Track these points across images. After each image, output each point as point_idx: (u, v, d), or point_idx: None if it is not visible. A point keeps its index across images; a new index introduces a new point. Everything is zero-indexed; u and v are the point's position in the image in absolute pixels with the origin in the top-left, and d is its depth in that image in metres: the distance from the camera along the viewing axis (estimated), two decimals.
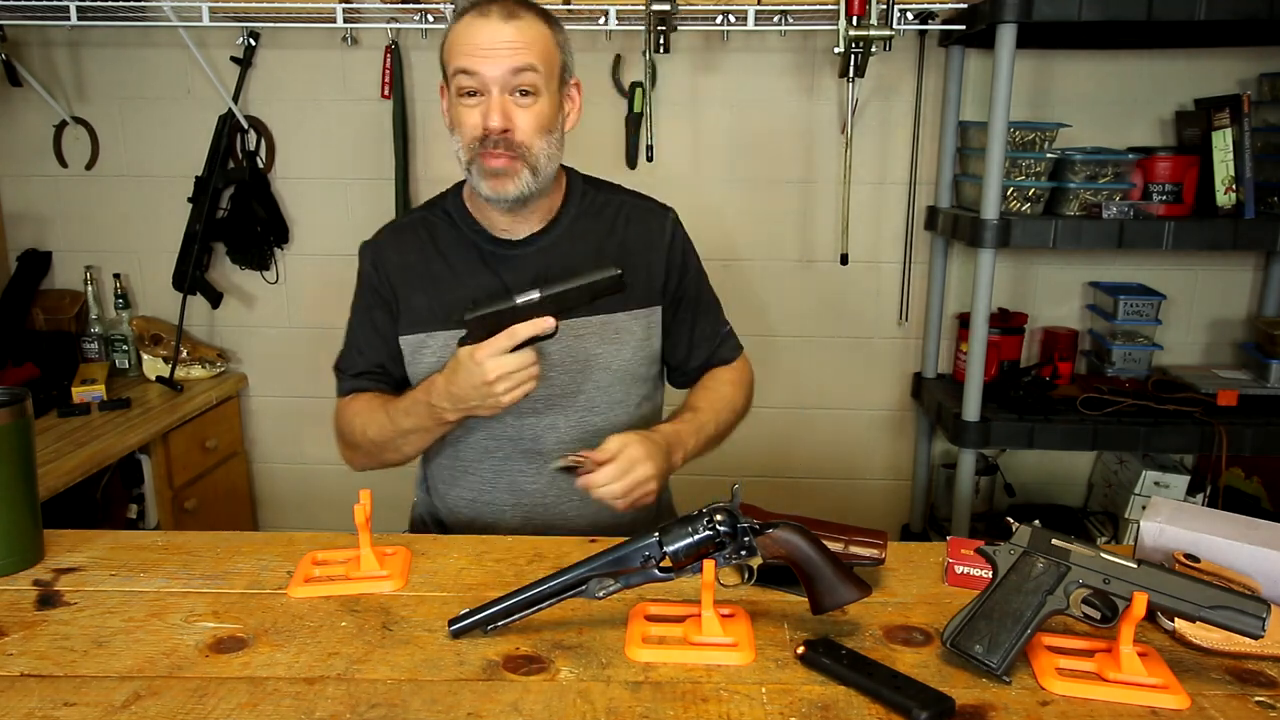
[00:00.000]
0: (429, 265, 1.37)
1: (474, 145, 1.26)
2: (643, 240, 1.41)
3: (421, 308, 1.36)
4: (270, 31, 2.38)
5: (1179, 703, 0.89)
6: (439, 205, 1.43)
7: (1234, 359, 2.45)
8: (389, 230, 1.43)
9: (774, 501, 2.77)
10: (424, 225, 1.40)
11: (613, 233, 1.41)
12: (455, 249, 1.38)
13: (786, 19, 2.23)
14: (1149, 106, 2.35)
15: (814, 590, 1.00)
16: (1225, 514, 1.12)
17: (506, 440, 1.37)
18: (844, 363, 2.54)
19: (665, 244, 1.43)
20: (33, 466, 1.15)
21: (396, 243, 1.40)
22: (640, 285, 1.40)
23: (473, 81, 1.23)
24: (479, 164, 1.26)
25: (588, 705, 0.88)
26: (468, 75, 1.23)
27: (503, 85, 1.23)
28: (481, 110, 1.24)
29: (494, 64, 1.22)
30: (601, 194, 1.44)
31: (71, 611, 1.05)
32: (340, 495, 1.42)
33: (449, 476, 1.43)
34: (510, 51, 1.22)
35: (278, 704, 0.88)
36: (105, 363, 2.46)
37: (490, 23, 1.23)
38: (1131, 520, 2.32)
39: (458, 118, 1.28)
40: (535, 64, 1.24)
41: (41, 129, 2.47)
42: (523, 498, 1.39)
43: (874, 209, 2.44)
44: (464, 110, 1.26)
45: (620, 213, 1.42)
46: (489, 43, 1.22)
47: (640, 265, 1.40)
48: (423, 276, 1.37)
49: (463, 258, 1.37)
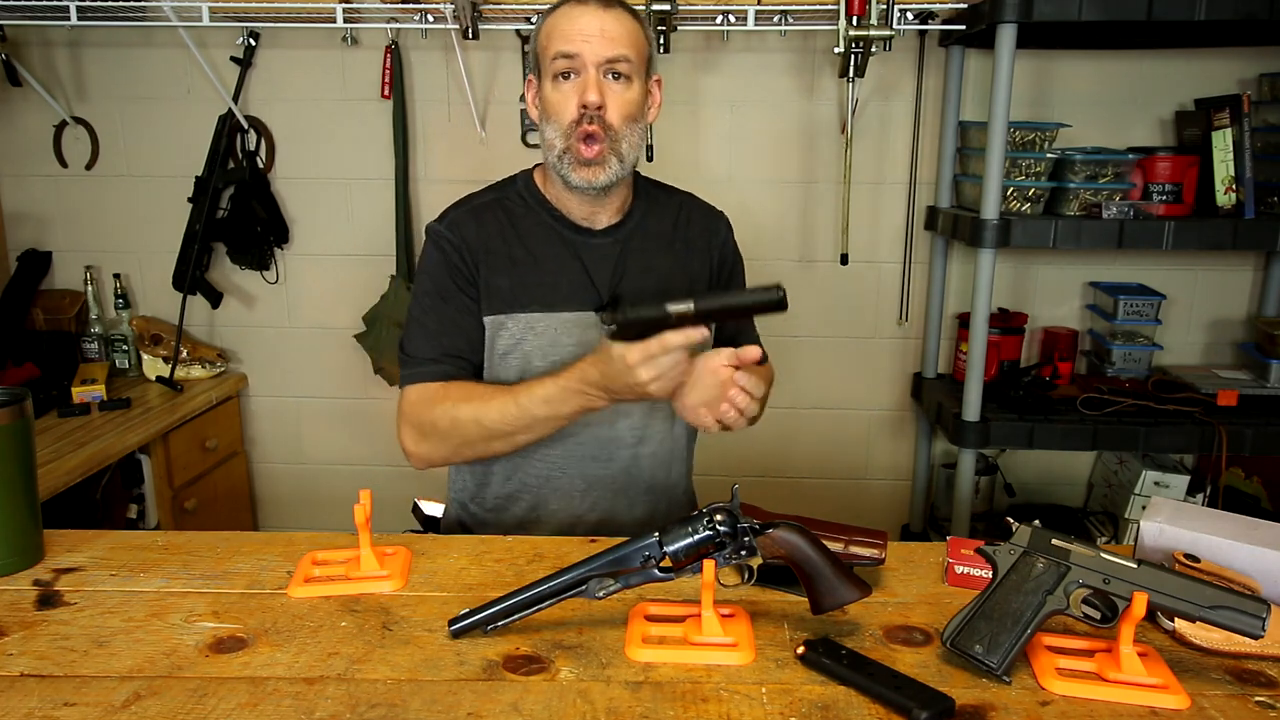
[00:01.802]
0: (509, 248, 1.38)
1: (570, 129, 1.29)
2: (703, 239, 1.48)
3: (503, 289, 1.36)
4: (270, 31, 2.38)
5: (1179, 703, 0.89)
6: (509, 189, 1.43)
7: (1234, 359, 2.44)
8: (464, 211, 1.41)
9: (774, 501, 2.77)
10: (499, 207, 1.41)
11: (677, 228, 1.46)
12: (536, 233, 1.39)
13: (786, 19, 2.23)
14: (1149, 106, 2.35)
15: (814, 590, 1.00)
16: (1225, 514, 1.12)
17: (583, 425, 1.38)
18: (844, 363, 2.54)
19: (721, 243, 1.50)
20: (33, 466, 1.15)
21: (476, 223, 1.39)
22: (703, 282, 1.47)
23: (572, 63, 1.28)
24: (573, 154, 1.30)
25: (588, 705, 0.88)
26: (567, 58, 1.28)
27: (599, 66, 1.28)
28: (578, 88, 1.28)
29: (593, 46, 1.27)
30: (662, 191, 1.50)
31: (71, 611, 1.05)
32: (340, 495, 1.42)
33: (507, 469, 1.42)
34: (609, 37, 1.28)
35: (278, 704, 0.88)
36: (105, 363, 2.46)
37: (589, 9, 1.29)
38: (1131, 520, 2.32)
39: (553, 103, 1.31)
40: (630, 49, 1.29)
41: (41, 129, 2.47)
42: (594, 484, 1.40)
43: (874, 209, 2.44)
44: (559, 96, 1.30)
45: (682, 210, 1.49)
46: (588, 27, 1.28)
47: (702, 263, 1.47)
48: (504, 258, 1.37)
49: (545, 242, 1.38)
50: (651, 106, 1.39)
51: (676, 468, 1.49)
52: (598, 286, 1.38)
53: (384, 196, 2.44)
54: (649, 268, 1.41)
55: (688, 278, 1.44)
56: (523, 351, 1.36)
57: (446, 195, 1.49)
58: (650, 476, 1.44)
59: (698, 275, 1.46)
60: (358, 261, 2.50)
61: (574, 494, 1.41)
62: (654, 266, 1.42)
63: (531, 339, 1.36)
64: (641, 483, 1.43)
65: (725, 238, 1.51)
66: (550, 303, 1.36)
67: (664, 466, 1.46)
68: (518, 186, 1.43)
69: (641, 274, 1.40)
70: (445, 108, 2.42)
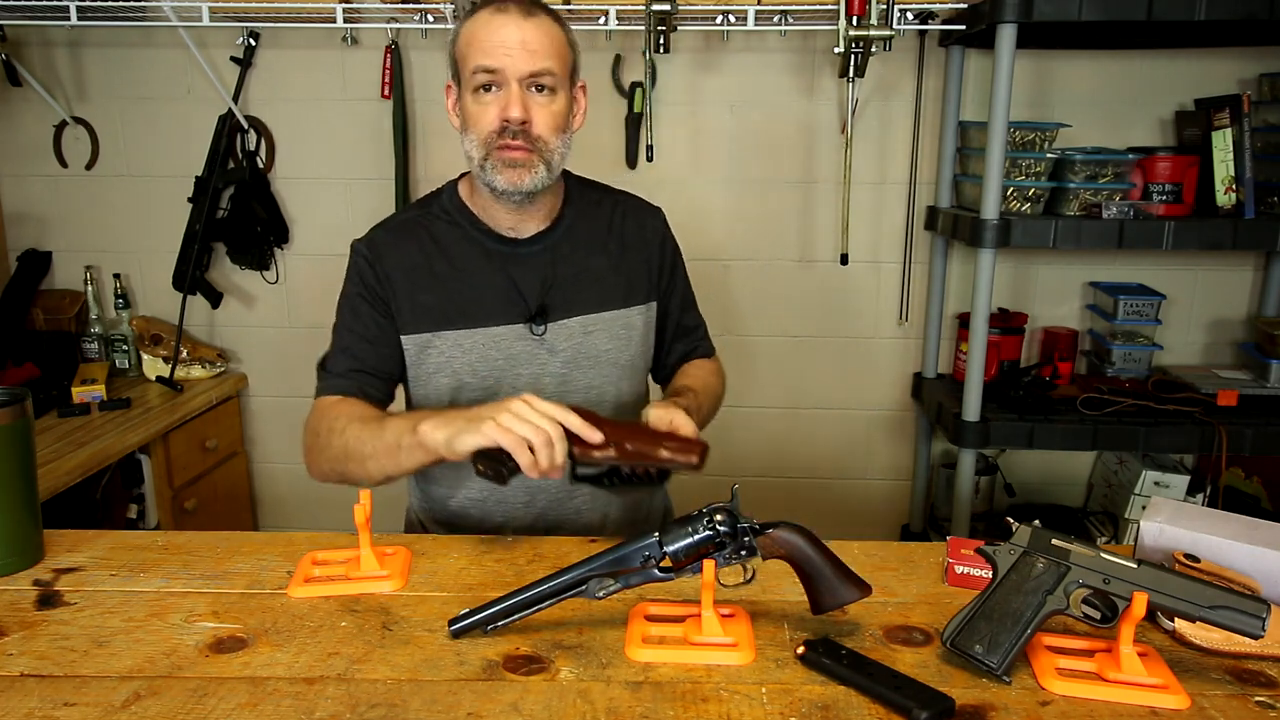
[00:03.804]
0: (432, 264, 1.36)
1: (490, 139, 1.26)
2: (639, 237, 1.45)
3: (428, 306, 1.35)
4: (270, 31, 2.38)
5: (1179, 703, 0.89)
6: (434, 204, 1.41)
7: (1234, 359, 2.44)
8: (384, 230, 1.40)
9: (773, 501, 2.78)
10: (421, 224, 1.39)
11: (611, 230, 1.43)
12: (459, 247, 1.37)
13: (786, 19, 2.23)
14: (1149, 106, 2.35)
15: (814, 590, 1.00)
16: (1225, 514, 1.12)
17: None
18: (844, 363, 2.54)
19: (659, 240, 1.47)
20: (33, 466, 1.15)
21: (395, 242, 1.38)
22: (640, 281, 1.43)
23: (492, 77, 1.24)
24: (495, 157, 1.26)
25: (588, 705, 0.88)
26: (487, 72, 1.24)
27: (522, 80, 1.24)
28: (499, 103, 1.25)
29: (514, 60, 1.23)
30: (595, 192, 1.47)
31: (71, 611, 1.05)
32: (340, 495, 1.42)
33: (454, 479, 1.41)
34: (530, 49, 1.23)
35: (278, 704, 0.88)
36: (105, 363, 2.46)
37: (510, 19, 1.24)
38: (1131, 520, 2.31)
39: (473, 115, 1.28)
40: (553, 61, 1.25)
41: (41, 129, 2.47)
42: (537, 495, 1.39)
43: (874, 209, 2.44)
44: (480, 106, 1.26)
45: (616, 210, 1.45)
46: (510, 39, 1.23)
47: (639, 261, 1.43)
48: (427, 275, 1.35)
49: (470, 257, 1.36)
50: (577, 114, 1.35)
51: None
52: (526, 298, 1.35)
53: (384, 196, 2.44)
54: (581, 272, 1.38)
55: (624, 280, 1.41)
56: (453, 369, 1.34)
57: None
58: None
59: (636, 275, 1.42)
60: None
61: (517, 505, 1.39)
62: (587, 270, 1.39)
63: (460, 356, 1.34)
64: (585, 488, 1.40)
65: (663, 234, 1.47)
66: (477, 318, 1.34)
67: None
68: (442, 201, 1.40)
69: (573, 280, 1.37)
70: (445, 108, 2.41)
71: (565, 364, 1.36)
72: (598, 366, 1.38)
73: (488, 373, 1.34)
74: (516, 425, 1.09)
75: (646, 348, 1.46)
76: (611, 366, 1.40)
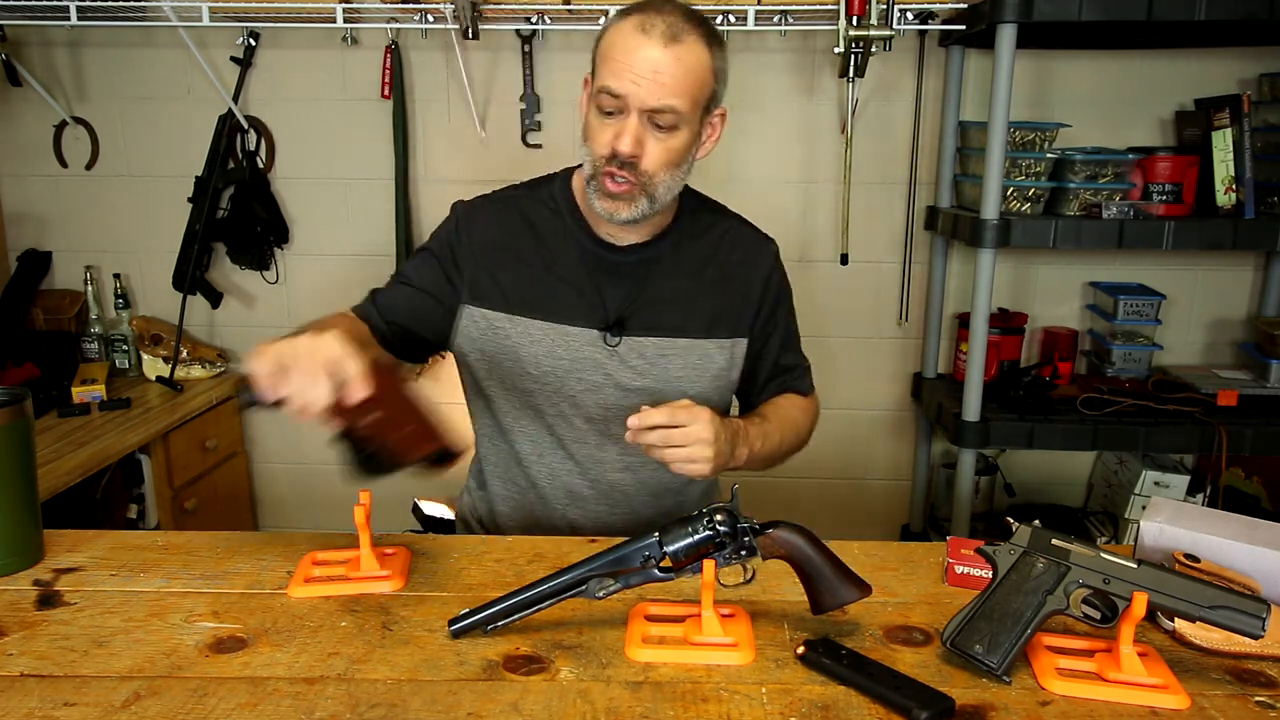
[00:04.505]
0: (523, 246, 1.34)
1: (599, 162, 1.23)
2: (743, 269, 1.40)
3: (507, 286, 1.33)
4: (270, 31, 2.38)
5: (1179, 703, 0.89)
6: (544, 189, 1.39)
7: (1234, 359, 2.44)
8: (487, 200, 1.39)
9: (773, 501, 2.78)
10: (524, 207, 1.37)
11: (715, 255, 1.38)
12: (555, 239, 1.35)
13: (786, 19, 2.23)
14: (1149, 106, 2.35)
15: (814, 590, 1.00)
16: (1225, 514, 1.12)
17: (572, 442, 1.36)
18: (844, 363, 2.54)
19: (764, 276, 1.41)
20: (33, 466, 1.15)
21: (494, 214, 1.37)
22: (731, 315, 1.38)
23: (617, 103, 1.19)
24: (600, 180, 1.23)
25: (588, 705, 0.88)
26: (613, 96, 1.19)
27: (643, 112, 1.19)
28: (615, 130, 1.20)
29: (641, 91, 1.17)
30: (709, 214, 1.42)
31: (71, 611, 1.05)
32: (340, 495, 1.42)
33: (507, 465, 1.41)
34: (661, 82, 1.17)
35: (278, 704, 0.88)
36: (105, 363, 2.46)
37: (651, 43, 1.17)
38: (1131, 520, 2.32)
39: (592, 130, 1.24)
40: (682, 98, 1.19)
41: (41, 129, 2.47)
42: (576, 501, 1.38)
43: (874, 209, 2.44)
44: (599, 126, 1.22)
45: (725, 237, 1.40)
46: (642, 66, 1.17)
47: (737, 293, 1.39)
48: (514, 256, 1.34)
49: (562, 249, 1.34)
50: (707, 141, 1.30)
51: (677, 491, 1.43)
52: (607, 305, 1.33)
53: (384, 196, 2.44)
54: (670, 293, 1.34)
55: (711, 309, 1.36)
56: (518, 355, 1.33)
57: (446, 195, 1.49)
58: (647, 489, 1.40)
59: (730, 308, 1.37)
60: (358, 261, 2.50)
61: (563, 529, 1.38)
62: (677, 291, 1.35)
63: (528, 344, 1.33)
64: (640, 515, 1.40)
65: (773, 267, 1.42)
66: (554, 312, 1.32)
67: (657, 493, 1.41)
68: (553, 188, 1.38)
69: (660, 299, 1.34)
70: (445, 108, 2.42)
71: (633, 381, 1.34)
72: (665, 393, 1.33)
73: (551, 368, 1.33)
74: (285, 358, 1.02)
75: (724, 384, 1.40)
76: (680, 395, 1.27)
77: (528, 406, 1.36)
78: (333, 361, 1.02)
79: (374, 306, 1.36)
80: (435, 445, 1.06)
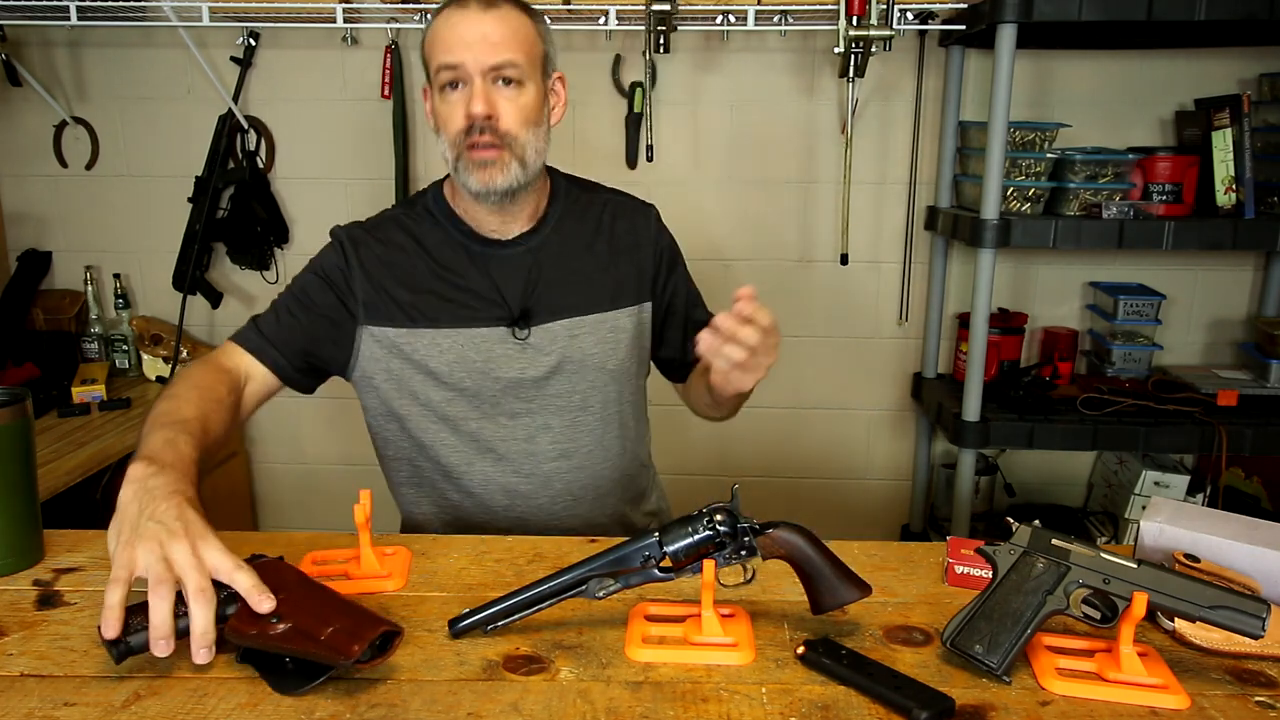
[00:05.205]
0: (412, 262, 1.34)
1: (459, 139, 1.24)
2: (630, 237, 1.42)
3: (404, 303, 1.33)
4: (270, 31, 2.38)
5: (1179, 703, 0.89)
6: (417, 204, 1.40)
7: (1234, 359, 2.45)
8: (366, 224, 1.38)
9: (773, 501, 2.78)
10: (404, 223, 1.37)
11: (599, 231, 1.41)
12: (441, 248, 1.35)
13: (786, 19, 2.23)
14: (1149, 106, 2.35)
15: (814, 590, 1.00)
16: (1225, 514, 1.12)
17: (500, 441, 1.37)
18: (844, 363, 2.54)
19: (652, 239, 1.44)
20: (33, 466, 1.15)
21: (376, 236, 1.36)
22: (631, 282, 1.41)
23: (455, 74, 1.23)
24: (466, 158, 1.25)
25: (588, 705, 0.88)
26: (450, 69, 1.22)
27: (485, 74, 1.22)
28: (464, 98, 1.23)
29: (475, 53, 1.21)
30: (585, 192, 1.44)
31: (71, 611, 1.05)
32: (340, 495, 1.42)
33: (433, 482, 1.41)
34: (491, 41, 1.21)
35: (278, 704, 0.88)
36: (105, 363, 2.46)
37: (469, 14, 1.23)
38: (1131, 520, 2.32)
39: (442, 116, 1.27)
40: (517, 52, 1.23)
41: (41, 129, 2.47)
42: (516, 499, 1.38)
43: (874, 209, 2.44)
44: (448, 106, 1.25)
45: (605, 210, 1.43)
46: (469, 34, 1.22)
47: (629, 262, 1.41)
48: (406, 272, 1.34)
49: (451, 257, 1.35)
50: (555, 106, 1.33)
51: (615, 469, 1.44)
52: (508, 300, 1.33)
53: (384, 196, 2.44)
54: (566, 274, 1.36)
55: (611, 281, 1.39)
56: (428, 369, 1.33)
57: None
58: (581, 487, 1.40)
59: (628, 275, 1.40)
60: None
61: (497, 509, 1.38)
62: (573, 272, 1.36)
63: (437, 355, 1.32)
64: (570, 493, 1.40)
65: (655, 233, 1.44)
66: (457, 318, 1.32)
67: (595, 475, 1.41)
68: (426, 201, 1.39)
69: (558, 282, 1.35)
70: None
71: (550, 369, 1.35)
72: (584, 371, 1.36)
73: (466, 373, 1.33)
74: (155, 567, 0.89)
75: (638, 351, 1.43)
76: (598, 371, 1.37)
77: (445, 417, 1.35)
78: (215, 573, 0.91)
79: (263, 338, 1.33)
80: (372, 634, 0.89)
